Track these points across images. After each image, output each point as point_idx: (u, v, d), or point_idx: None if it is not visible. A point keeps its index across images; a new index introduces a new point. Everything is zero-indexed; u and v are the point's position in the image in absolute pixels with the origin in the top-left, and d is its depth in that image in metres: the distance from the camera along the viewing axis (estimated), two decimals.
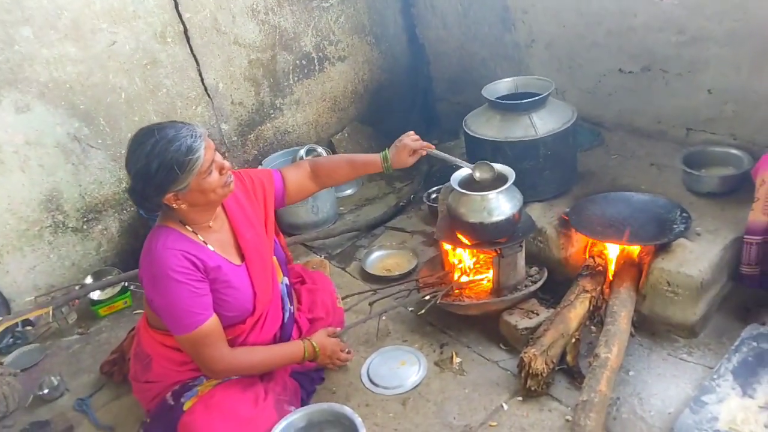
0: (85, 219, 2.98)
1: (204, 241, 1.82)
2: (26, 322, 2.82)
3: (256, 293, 1.93)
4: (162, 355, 1.94)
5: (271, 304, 2.03)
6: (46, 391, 2.38)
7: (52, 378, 2.42)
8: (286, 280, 2.15)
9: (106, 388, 2.41)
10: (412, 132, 2.23)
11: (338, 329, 2.21)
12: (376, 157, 2.19)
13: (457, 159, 2.27)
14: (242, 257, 1.93)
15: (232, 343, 1.94)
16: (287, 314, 2.10)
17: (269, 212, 2.05)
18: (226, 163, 1.76)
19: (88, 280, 2.95)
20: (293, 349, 2.00)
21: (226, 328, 1.90)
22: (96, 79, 2.82)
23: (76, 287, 2.85)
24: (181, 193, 1.69)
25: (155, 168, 1.62)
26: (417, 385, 2.18)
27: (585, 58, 3.08)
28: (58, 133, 2.79)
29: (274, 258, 2.08)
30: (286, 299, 2.12)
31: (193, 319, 1.74)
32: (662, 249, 2.24)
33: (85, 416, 2.28)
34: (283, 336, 2.09)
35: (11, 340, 2.75)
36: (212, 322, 1.78)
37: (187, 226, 1.81)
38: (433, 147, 2.24)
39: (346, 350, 2.22)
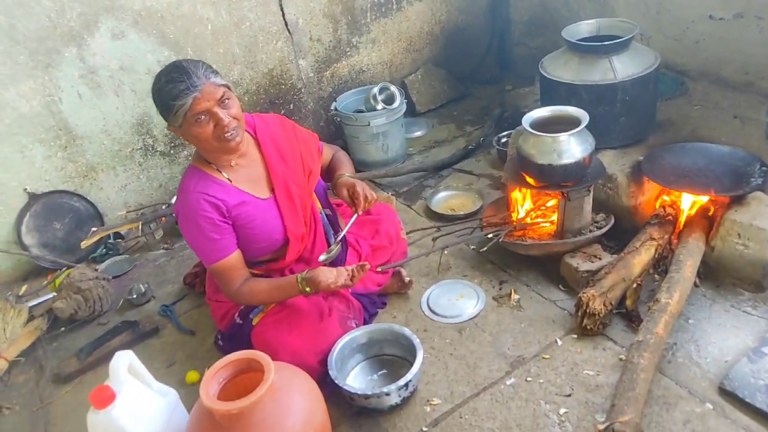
0: (172, 144, 3.17)
1: (228, 179, 1.94)
2: (117, 235, 3.08)
3: (286, 224, 2.02)
4: None
5: (314, 233, 2.15)
6: (134, 296, 2.63)
7: (140, 285, 2.67)
8: (327, 210, 2.25)
9: (188, 298, 2.63)
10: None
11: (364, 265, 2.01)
12: (291, 281, 2.01)
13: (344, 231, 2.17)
14: (272, 190, 2.03)
15: (282, 274, 2.10)
16: (331, 239, 2.21)
17: (314, 162, 2.16)
18: (225, 119, 1.78)
19: (174, 200, 3.16)
20: (289, 283, 1.95)
21: (269, 261, 2.08)
22: (185, 9, 2.96)
23: (164, 206, 3.07)
24: (179, 130, 1.82)
25: (155, 99, 1.82)
26: (474, 317, 2.26)
27: (674, 3, 2.94)
28: (149, 61, 2.96)
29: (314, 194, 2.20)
30: (329, 228, 2.23)
31: (212, 255, 1.92)
32: (737, 201, 2.19)
33: (169, 320, 2.51)
34: (333, 262, 2.15)
35: (104, 250, 3.03)
36: (229, 259, 1.93)
37: (212, 164, 1.93)
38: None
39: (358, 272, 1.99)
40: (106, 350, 2.33)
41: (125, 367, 1.72)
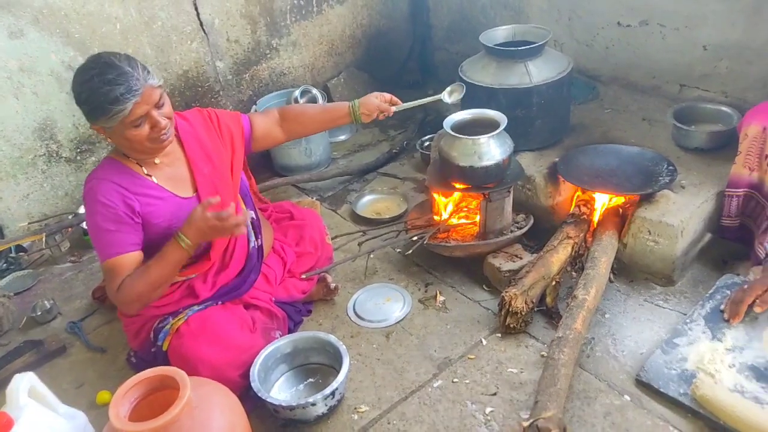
0: (79, 150, 2.98)
1: (148, 174, 1.84)
2: (19, 248, 2.87)
3: None
4: None
5: (237, 237, 2.03)
6: (39, 313, 2.44)
7: (45, 301, 2.48)
8: (251, 213, 2.12)
9: (97, 313, 2.47)
10: (381, 94, 2.26)
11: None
12: (344, 107, 2.22)
13: (426, 98, 2.33)
14: (195, 190, 1.94)
15: (204, 278, 2.00)
16: (252, 245, 2.10)
17: (236, 152, 2.06)
18: (162, 122, 1.72)
19: (81, 210, 2.97)
20: (171, 245, 1.78)
21: (191, 265, 1.96)
22: (91, 7, 2.79)
23: (70, 216, 2.88)
24: (107, 131, 1.71)
25: (85, 99, 1.66)
26: (401, 320, 2.25)
27: (585, 10, 3.06)
28: (52, 61, 2.77)
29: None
30: (251, 232, 2.11)
31: (105, 250, 1.79)
32: (646, 199, 2.29)
33: (77, 338, 2.34)
34: (249, 268, 2.09)
35: (5, 265, 2.80)
36: (122, 259, 1.78)
37: (131, 159, 1.83)
38: (399, 102, 2.28)
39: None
40: (6, 373, 2.14)
41: (25, 390, 1.58)
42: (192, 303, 1.97)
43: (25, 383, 1.59)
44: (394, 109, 2.26)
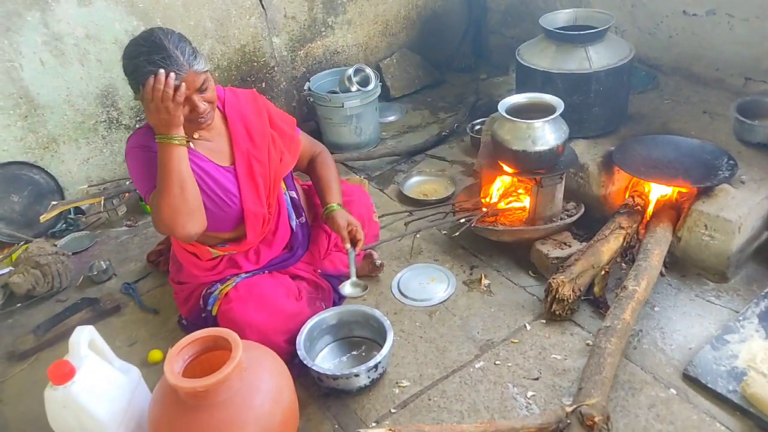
0: (138, 118, 3.07)
1: (188, 141, 1.82)
2: (78, 210, 2.98)
3: (243, 198, 1.93)
4: (187, 259, 2.05)
5: (278, 215, 2.08)
6: (95, 273, 2.54)
7: (102, 262, 2.58)
8: (292, 193, 2.16)
9: (151, 276, 2.56)
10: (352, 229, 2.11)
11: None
12: (327, 204, 2.13)
13: (353, 269, 2.13)
14: (233, 162, 1.94)
15: (246, 254, 2.04)
16: (294, 224, 2.14)
17: (276, 145, 2.04)
18: (201, 106, 1.73)
19: None
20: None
21: (230, 243, 2.00)
22: None
23: (127, 182, 2.98)
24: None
25: (131, 72, 1.66)
26: (444, 300, 2.26)
27: None
28: (116, 30, 2.85)
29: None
30: (291, 211, 2.14)
31: (151, 182, 1.77)
32: (704, 193, 2.23)
33: (131, 298, 2.43)
34: (295, 245, 2.14)
35: (64, 225, 2.92)
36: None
37: None
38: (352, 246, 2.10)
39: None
40: (64, 328, 2.25)
41: (86, 342, 1.65)
42: (237, 272, 2.02)
43: (85, 336, 1.66)
44: (347, 246, 2.10)
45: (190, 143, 1.84)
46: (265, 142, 1.99)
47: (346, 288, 2.12)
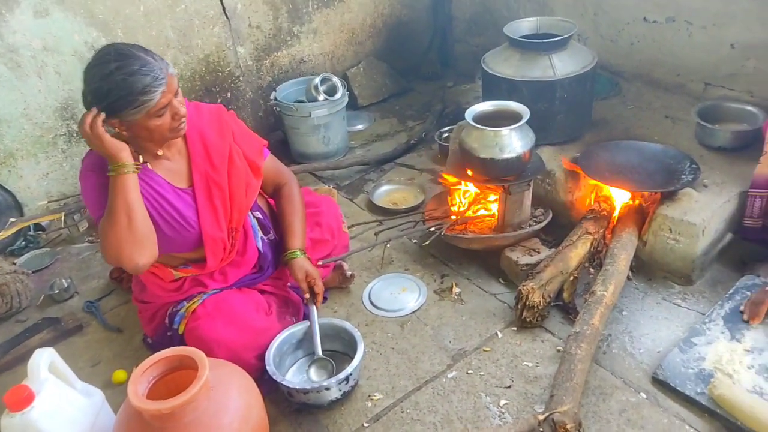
0: None
1: (145, 162, 1.77)
2: (38, 227, 2.89)
3: (201, 222, 1.86)
4: (150, 280, 1.99)
5: (245, 237, 2.01)
6: (56, 291, 2.46)
7: (63, 280, 2.50)
8: (257, 214, 2.10)
9: (114, 294, 2.49)
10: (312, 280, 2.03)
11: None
12: (290, 247, 2.04)
13: (317, 341, 1.99)
14: (191, 184, 1.87)
15: (212, 277, 1.98)
16: (259, 243, 2.08)
17: (236, 166, 1.94)
18: (182, 110, 1.69)
19: None
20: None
21: (192, 265, 1.94)
22: None
23: None
24: (127, 123, 1.64)
25: (106, 92, 1.57)
26: (416, 310, 2.25)
27: (610, 5, 3.03)
28: (75, 42, 2.78)
29: None
30: (257, 230, 2.09)
31: (102, 208, 1.71)
32: (668, 197, 2.27)
33: (94, 317, 2.36)
34: (264, 264, 2.10)
35: (23, 243, 2.83)
36: None
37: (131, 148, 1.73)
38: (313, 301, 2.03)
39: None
40: (24, 349, 2.17)
41: (46, 365, 1.59)
42: (203, 290, 1.97)
43: (45, 358, 1.60)
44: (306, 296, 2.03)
45: (147, 163, 1.78)
46: (223, 164, 1.90)
47: (311, 372, 1.96)
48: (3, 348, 2.17)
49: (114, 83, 1.56)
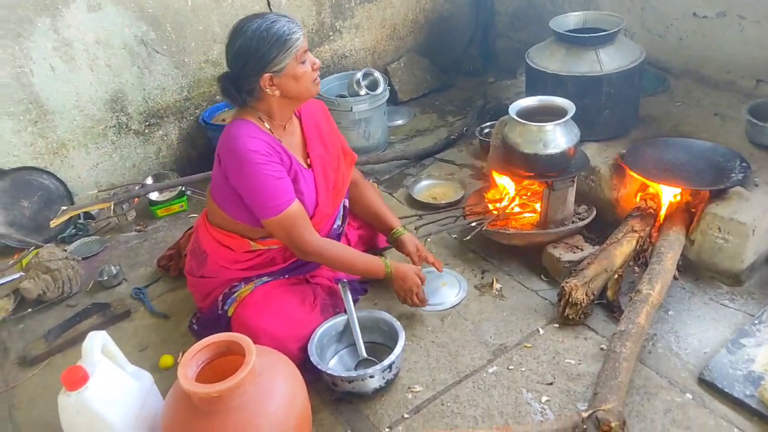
0: (147, 123, 3.08)
1: (279, 139, 1.90)
2: (88, 216, 2.98)
3: (318, 202, 1.99)
4: (217, 252, 2.04)
5: (328, 218, 2.10)
6: (105, 278, 2.54)
7: (112, 267, 2.58)
8: (345, 201, 2.23)
9: (161, 281, 2.55)
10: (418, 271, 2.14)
11: (421, 270, 2.15)
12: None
13: (360, 344, 2.00)
14: (309, 164, 2.00)
15: (284, 251, 2.05)
16: (335, 227, 2.16)
17: (341, 158, 2.14)
18: (318, 61, 1.85)
19: (149, 181, 3.07)
20: (375, 262, 2.05)
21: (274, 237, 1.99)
22: None
23: (137, 187, 2.98)
24: (277, 77, 1.76)
25: (257, 44, 1.72)
26: (456, 305, 2.24)
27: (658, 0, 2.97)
28: (126, 35, 2.86)
29: None
30: (339, 218, 2.19)
31: (279, 201, 1.82)
32: (717, 195, 2.21)
33: (142, 303, 2.43)
34: None
35: (74, 230, 2.93)
36: (297, 205, 1.86)
37: (264, 123, 1.87)
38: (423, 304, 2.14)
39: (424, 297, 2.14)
40: (75, 333, 2.25)
41: (99, 347, 1.65)
42: (266, 272, 2.04)
43: (98, 341, 1.66)
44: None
45: (282, 142, 1.90)
46: (336, 151, 2.09)
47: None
48: (55, 331, 2.25)
49: (262, 35, 1.72)
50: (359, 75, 3.28)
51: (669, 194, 2.36)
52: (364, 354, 1.98)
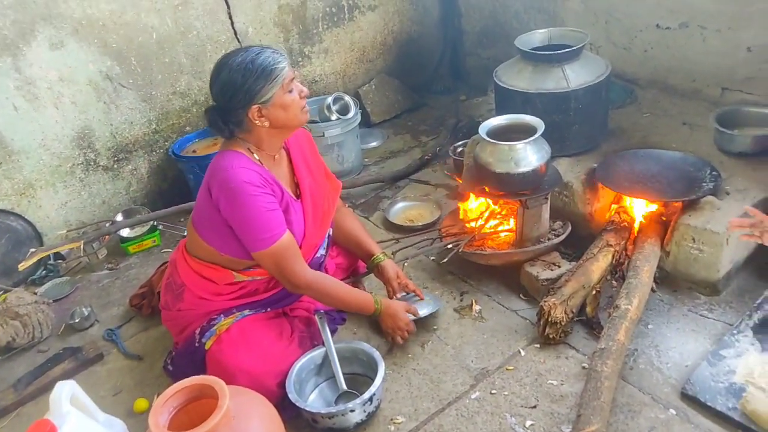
0: (116, 158, 3.03)
1: (269, 170, 1.88)
2: (58, 256, 2.91)
3: (306, 233, 1.97)
4: (197, 284, 2.00)
5: (314, 248, 2.08)
6: (77, 320, 2.47)
7: (83, 309, 2.51)
8: (330, 230, 2.20)
9: (134, 321, 2.49)
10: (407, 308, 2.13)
11: (413, 307, 2.14)
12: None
13: (339, 376, 1.96)
14: (298, 195, 1.99)
15: (267, 282, 2.02)
16: (318, 255, 2.13)
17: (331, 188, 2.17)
18: (305, 89, 1.85)
19: (119, 217, 3.01)
20: (365, 298, 2.06)
21: (260, 267, 1.96)
22: (128, 17, 2.84)
23: (107, 224, 2.92)
24: (265, 107, 1.76)
25: (243, 76, 1.72)
26: (436, 330, 2.21)
27: (622, 12, 3.00)
28: (90, 71, 2.82)
29: None
30: (323, 247, 2.16)
31: (271, 233, 1.80)
32: (690, 206, 2.23)
33: (115, 345, 2.36)
34: None
35: (44, 272, 2.85)
36: (288, 236, 1.84)
37: (254, 155, 1.85)
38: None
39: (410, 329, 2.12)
40: (46, 380, 2.17)
41: (67, 398, 1.59)
42: (247, 302, 2.01)
43: (67, 391, 1.61)
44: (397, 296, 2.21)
45: (272, 172, 1.89)
46: (322, 179, 2.11)
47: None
48: (26, 379, 2.18)
49: (248, 67, 1.72)
50: (330, 100, 3.27)
51: (642, 207, 2.37)
52: (344, 387, 1.94)
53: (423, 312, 2.16)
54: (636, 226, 2.36)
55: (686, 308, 2.16)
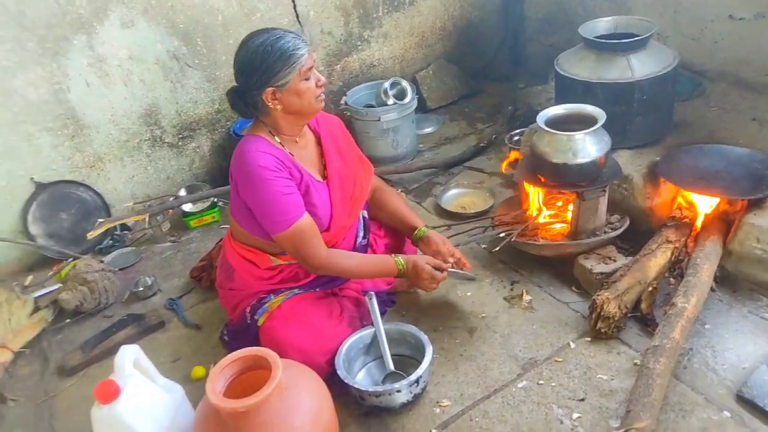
0: (180, 135, 3.14)
1: (291, 153, 1.92)
2: (124, 227, 3.05)
3: (333, 214, 2.00)
4: (243, 267, 2.07)
5: (348, 231, 2.11)
6: (140, 288, 2.59)
7: (147, 278, 2.64)
8: (364, 213, 2.23)
9: (194, 292, 2.60)
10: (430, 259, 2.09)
11: (437, 261, 2.09)
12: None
13: (387, 357, 1.99)
14: (325, 177, 2.01)
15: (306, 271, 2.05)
16: (359, 242, 2.17)
17: (360, 173, 2.16)
18: (323, 78, 1.87)
19: (182, 192, 3.13)
20: (386, 260, 2.05)
21: None
22: None
23: (171, 198, 3.04)
24: (279, 91, 1.78)
25: (262, 57, 1.74)
26: (484, 317, 2.22)
27: (692, 2, 2.89)
28: (158, 51, 2.92)
29: None
30: (361, 230, 2.20)
31: (287, 216, 1.84)
32: (755, 205, 2.15)
33: (175, 314, 2.47)
34: None
35: (110, 242, 3.00)
36: (306, 219, 1.87)
37: (275, 137, 1.90)
38: (449, 266, 2.11)
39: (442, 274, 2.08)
40: (111, 343, 2.30)
41: (130, 361, 1.69)
42: (293, 285, 2.05)
43: (130, 354, 1.70)
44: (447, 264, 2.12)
45: (294, 157, 1.92)
46: (354, 164, 2.11)
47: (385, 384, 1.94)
48: (91, 342, 2.31)
49: (266, 48, 1.74)
50: (387, 84, 3.29)
51: (705, 203, 2.30)
52: (392, 367, 1.97)
53: (450, 268, 2.11)
54: (698, 223, 2.29)
55: (746, 309, 2.09)
